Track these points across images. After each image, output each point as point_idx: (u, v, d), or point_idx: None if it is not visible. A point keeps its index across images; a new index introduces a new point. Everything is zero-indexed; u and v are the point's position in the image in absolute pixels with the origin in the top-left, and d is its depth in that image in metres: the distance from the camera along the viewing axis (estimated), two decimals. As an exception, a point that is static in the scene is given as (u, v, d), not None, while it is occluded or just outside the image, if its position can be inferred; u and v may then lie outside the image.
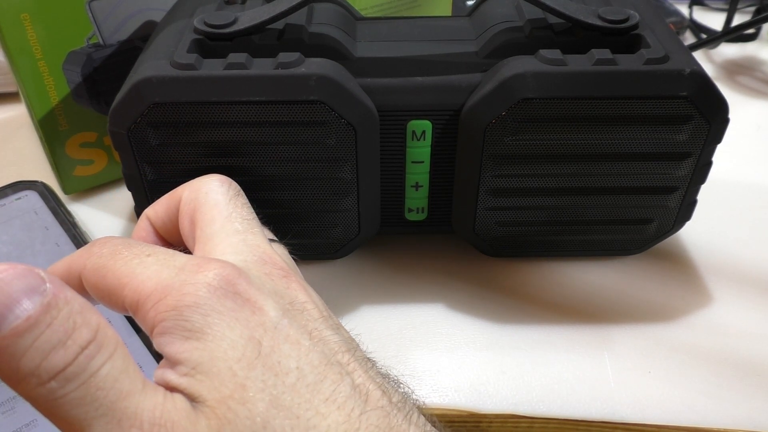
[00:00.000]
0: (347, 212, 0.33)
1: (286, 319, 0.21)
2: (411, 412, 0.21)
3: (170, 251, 0.22)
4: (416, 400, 0.22)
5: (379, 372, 0.22)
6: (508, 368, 0.31)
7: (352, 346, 0.22)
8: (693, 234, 0.38)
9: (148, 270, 0.21)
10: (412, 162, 0.32)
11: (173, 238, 0.27)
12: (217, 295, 0.20)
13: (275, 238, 0.28)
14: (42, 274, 0.18)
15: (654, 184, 0.32)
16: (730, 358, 0.31)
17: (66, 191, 0.41)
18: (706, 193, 0.35)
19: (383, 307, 0.34)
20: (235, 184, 0.26)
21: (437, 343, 0.32)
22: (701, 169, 0.32)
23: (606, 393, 0.30)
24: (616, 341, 0.32)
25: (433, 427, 0.21)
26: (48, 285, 0.18)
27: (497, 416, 0.29)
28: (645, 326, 0.33)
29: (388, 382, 0.21)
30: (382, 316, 0.33)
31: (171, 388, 0.19)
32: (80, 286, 0.22)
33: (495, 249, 0.35)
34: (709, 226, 0.38)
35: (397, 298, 0.34)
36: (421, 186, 0.33)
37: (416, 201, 0.34)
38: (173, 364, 0.19)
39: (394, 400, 0.21)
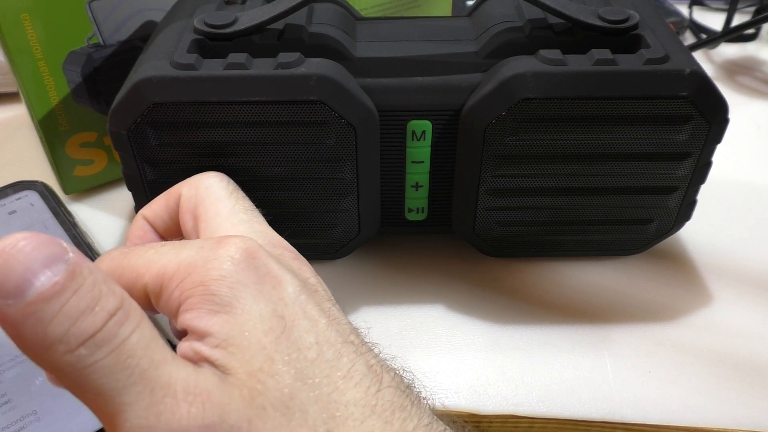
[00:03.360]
0: (347, 212, 0.33)
1: (304, 295, 0.21)
2: (417, 396, 0.21)
3: (181, 241, 0.22)
4: (417, 386, 0.22)
5: (385, 359, 0.22)
6: (508, 368, 0.31)
7: (359, 331, 0.23)
8: (693, 234, 0.38)
9: (165, 256, 0.21)
10: (412, 162, 0.32)
11: (173, 236, 0.27)
12: (241, 267, 0.20)
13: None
14: (64, 243, 0.18)
15: (654, 184, 0.32)
16: (730, 358, 0.31)
17: (66, 191, 0.41)
18: (706, 193, 0.35)
19: (383, 307, 0.34)
20: (232, 180, 0.26)
21: (437, 343, 0.32)
22: (701, 169, 0.32)
23: (606, 393, 0.30)
24: (616, 341, 0.32)
25: (435, 416, 0.21)
26: (71, 254, 0.18)
27: (497, 416, 0.29)
28: (645, 326, 0.33)
29: (393, 368, 0.22)
30: (383, 316, 0.33)
31: (200, 360, 0.19)
32: None
33: (495, 249, 0.35)
34: (709, 226, 0.38)
35: (397, 299, 0.34)
36: (421, 186, 0.33)
37: (416, 201, 0.34)
38: (202, 336, 0.19)
39: (403, 383, 0.21)
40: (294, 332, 0.20)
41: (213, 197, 0.25)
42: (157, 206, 0.27)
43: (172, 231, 0.27)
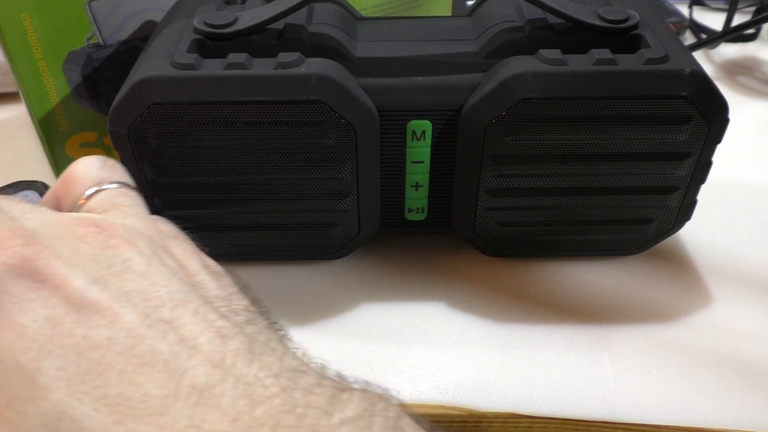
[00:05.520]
0: (347, 212, 0.33)
1: (97, 286, 0.19)
2: (259, 353, 0.19)
3: (17, 220, 0.20)
4: (282, 339, 0.20)
5: (232, 314, 0.20)
6: (508, 367, 0.31)
7: (191, 293, 0.20)
8: (693, 234, 0.38)
9: None
10: (412, 162, 0.32)
11: None
12: (12, 274, 0.18)
13: (116, 178, 0.26)
14: None
15: (654, 184, 0.32)
16: (730, 358, 0.31)
17: (66, 191, 0.41)
18: (706, 193, 0.35)
19: (383, 306, 0.34)
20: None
21: (437, 341, 0.32)
22: (701, 169, 0.32)
23: (606, 393, 0.30)
24: (616, 341, 0.32)
25: (288, 363, 0.19)
26: None
27: (497, 416, 0.29)
28: (645, 326, 0.33)
29: (236, 325, 0.20)
30: (383, 315, 0.33)
31: None
32: None
33: (495, 249, 0.35)
34: (709, 226, 0.38)
35: (397, 298, 0.34)
36: (421, 186, 0.33)
37: (416, 201, 0.34)
38: None
39: (235, 343, 0.19)
40: (75, 334, 0.18)
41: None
42: None
43: None
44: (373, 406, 0.19)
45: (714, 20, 0.60)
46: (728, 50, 0.58)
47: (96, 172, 0.25)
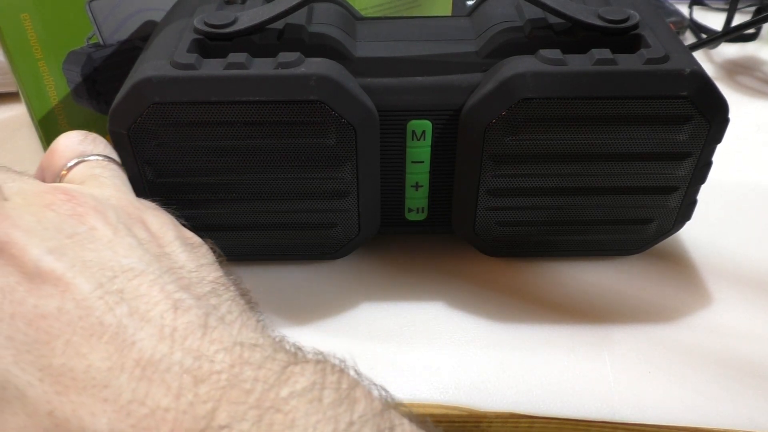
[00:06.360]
0: (347, 212, 0.33)
1: (53, 255, 0.19)
2: (213, 326, 0.19)
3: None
4: (245, 312, 0.20)
5: (194, 286, 0.20)
6: (508, 367, 0.31)
7: (154, 263, 0.20)
8: (693, 234, 0.38)
9: None
10: (412, 162, 0.32)
11: None
12: None
13: (97, 152, 0.26)
14: None
15: (654, 184, 0.32)
16: (730, 358, 0.31)
17: (66, 191, 0.41)
18: (706, 193, 0.35)
19: (383, 306, 0.34)
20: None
21: (438, 341, 0.32)
22: (701, 169, 0.32)
23: (606, 393, 0.30)
24: (616, 341, 0.32)
25: (243, 335, 0.19)
26: None
27: (497, 416, 0.29)
28: (645, 326, 0.33)
29: (196, 297, 0.20)
30: (383, 314, 0.33)
31: None
32: None
33: (495, 249, 0.35)
34: (709, 226, 0.38)
35: (397, 297, 0.34)
36: (421, 186, 0.33)
37: (416, 201, 0.34)
38: None
39: (190, 316, 0.19)
40: (26, 304, 0.18)
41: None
42: None
43: None
44: (325, 378, 0.18)
45: (714, 20, 0.60)
46: (728, 50, 0.58)
47: (78, 145, 0.26)
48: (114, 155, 0.26)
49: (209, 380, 0.18)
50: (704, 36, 0.57)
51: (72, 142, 0.26)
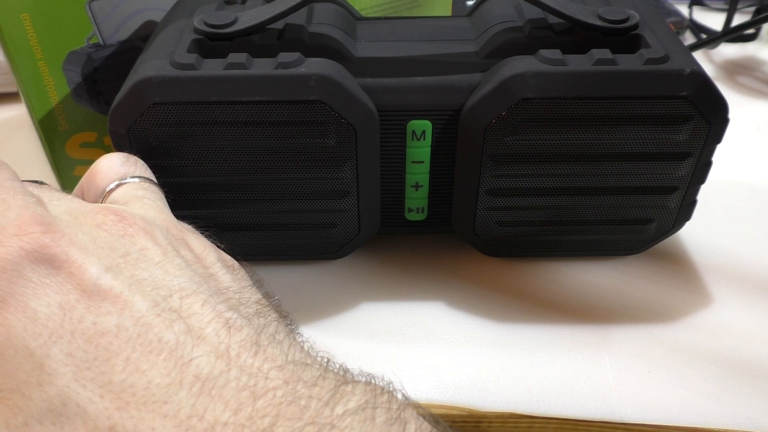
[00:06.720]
0: (347, 212, 0.33)
1: (110, 273, 0.19)
2: (264, 345, 0.19)
3: (18, 197, 0.21)
4: (291, 333, 0.21)
5: (241, 306, 0.20)
6: (508, 367, 0.31)
7: (203, 284, 0.21)
8: (693, 234, 0.38)
9: None
10: (412, 162, 0.32)
11: None
12: (29, 260, 0.19)
13: (138, 173, 0.27)
14: None
15: (654, 184, 0.32)
16: (730, 358, 0.31)
17: (66, 191, 0.41)
18: (706, 193, 0.35)
19: (383, 306, 0.34)
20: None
21: (437, 341, 0.32)
22: (701, 169, 0.32)
23: (606, 393, 0.30)
24: (616, 341, 0.32)
25: (293, 355, 0.19)
26: None
27: (497, 416, 0.29)
28: (645, 326, 0.33)
29: (245, 317, 0.20)
30: (383, 314, 0.33)
31: None
32: None
33: (495, 249, 0.35)
34: (709, 226, 0.38)
35: (397, 297, 0.34)
36: (421, 186, 0.33)
37: (416, 201, 0.34)
38: None
39: (242, 335, 0.19)
40: (85, 321, 0.18)
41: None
42: None
43: None
44: (376, 398, 0.19)
45: (714, 20, 0.60)
46: (728, 50, 0.58)
47: (120, 167, 0.26)
48: (153, 177, 0.27)
49: (266, 396, 0.18)
50: (704, 36, 0.57)
51: (114, 163, 0.26)
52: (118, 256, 0.20)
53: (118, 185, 0.25)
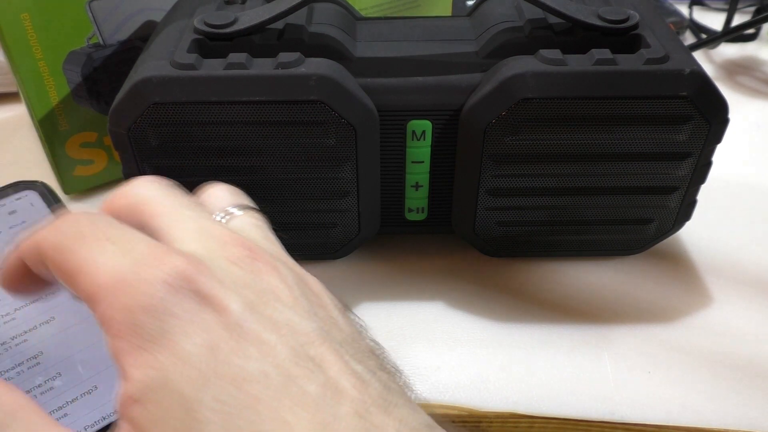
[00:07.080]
0: (347, 212, 0.33)
1: (251, 313, 0.18)
2: (394, 402, 0.19)
3: (137, 234, 0.20)
4: (407, 387, 0.20)
5: (365, 358, 0.20)
6: (508, 367, 0.31)
7: (330, 331, 0.20)
8: (693, 234, 0.38)
9: (106, 258, 0.18)
10: (412, 162, 0.32)
11: None
12: (175, 294, 0.18)
13: (250, 204, 0.25)
14: None
15: (654, 184, 0.32)
16: (730, 358, 0.31)
17: (66, 191, 0.41)
18: (706, 193, 0.35)
19: (384, 306, 0.34)
20: (164, 178, 0.23)
21: (438, 340, 0.32)
22: (701, 169, 0.32)
23: (606, 393, 0.30)
24: (616, 341, 0.32)
25: (421, 417, 0.19)
26: None
27: (497, 416, 0.29)
28: (645, 326, 0.33)
29: (370, 369, 0.19)
30: (383, 314, 0.33)
31: (120, 417, 0.18)
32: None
33: (495, 249, 0.35)
34: (709, 226, 0.38)
35: (397, 297, 0.34)
36: (421, 186, 0.33)
37: (416, 201, 0.34)
38: (125, 378, 0.18)
39: (372, 390, 0.18)
40: (232, 364, 0.17)
41: (150, 200, 0.22)
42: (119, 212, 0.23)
43: None
44: None
45: (714, 20, 0.60)
46: (728, 50, 0.58)
47: (230, 195, 0.24)
48: (257, 207, 0.25)
49: None
50: (704, 36, 0.57)
51: (223, 190, 0.25)
52: (253, 295, 0.19)
53: (233, 212, 0.23)
